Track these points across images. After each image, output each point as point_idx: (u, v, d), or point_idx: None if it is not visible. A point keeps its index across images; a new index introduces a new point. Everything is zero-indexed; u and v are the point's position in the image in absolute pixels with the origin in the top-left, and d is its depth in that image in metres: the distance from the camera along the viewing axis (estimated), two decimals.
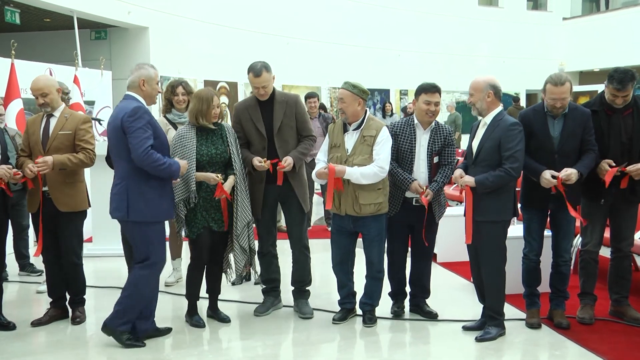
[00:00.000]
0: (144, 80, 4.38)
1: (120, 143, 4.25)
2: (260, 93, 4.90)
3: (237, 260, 4.86)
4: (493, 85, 4.45)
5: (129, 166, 4.27)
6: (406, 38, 19.59)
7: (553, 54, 21.43)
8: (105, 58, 10.09)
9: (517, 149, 4.33)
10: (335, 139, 4.78)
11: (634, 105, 4.68)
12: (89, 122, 4.92)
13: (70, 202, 4.82)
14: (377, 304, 4.96)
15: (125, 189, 4.28)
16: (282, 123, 4.92)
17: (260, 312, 5.16)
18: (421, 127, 4.90)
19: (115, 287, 5.95)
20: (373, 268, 4.84)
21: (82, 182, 4.95)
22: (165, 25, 14.04)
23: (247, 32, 15.73)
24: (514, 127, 4.37)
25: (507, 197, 4.44)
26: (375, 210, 4.69)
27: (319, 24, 17.64)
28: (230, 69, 15.14)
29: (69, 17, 11.76)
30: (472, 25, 20.68)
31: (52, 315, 5.02)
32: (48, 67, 8.62)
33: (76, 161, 4.73)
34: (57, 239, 4.90)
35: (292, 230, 5.12)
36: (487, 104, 4.45)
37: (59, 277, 5.02)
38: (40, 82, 4.82)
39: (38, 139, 4.77)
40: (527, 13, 22.29)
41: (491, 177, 4.34)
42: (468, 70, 19.44)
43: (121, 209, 4.31)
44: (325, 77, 17.71)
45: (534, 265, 4.79)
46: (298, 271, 5.18)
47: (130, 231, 4.41)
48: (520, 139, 4.36)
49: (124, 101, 4.36)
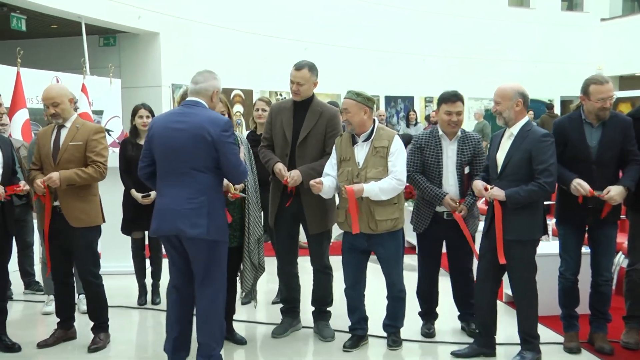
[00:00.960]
0: (217, 91, 4.30)
1: (201, 153, 4.08)
2: (293, 89, 4.91)
3: (246, 278, 4.85)
4: (522, 93, 4.40)
5: (209, 180, 4.13)
6: (431, 42, 19.58)
7: (590, 58, 21.27)
8: (114, 65, 10.21)
9: (550, 162, 4.26)
10: (343, 153, 4.72)
11: None
12: (101, 133, 4.90)
13: (83, 218, 4.79)
14: (401, 325, 4.93)
15: (205, 204, 4.10)
16: (309, 133, 4.90)
17: (278, 334, 5.15)
18: (447, 138, 4.90)
19: (125, 306, 5.99)
20: (394, 288, 4.81)
21: (95, 196, 4.92)
22: (177, 30, 14.17)
23: (263, 37, 15.82)
24: (546, 139, 4.31)
25: (539, 213, 4.39)
26: (391, 227, 4.66)
27: (339, 28, 17.68)
28: (245, 76, 15.23)
29: (76, 23, 11.92)
30: (502, 27, 20.62)
31: (58, 337, 5.03)
32: (55, 75, 8.74)
33: (85, 176, 4.71)
34: (67, 257, 4.91)
35: (311, 248, 5.12)
36: (514, 114, 4.40)
37: (67, 297, 5.04)
38: (52, 91, 4.83)
39: (49, 151, 4.78)
40: (562, 14, 22.20)
41: (523, 192, 4.26)
42: (497, 76, 19.34)
43: (200, 225, 4.08)
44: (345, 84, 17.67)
45: (571, 284, 4.73)
46: (318, 291, 5.16)
47: (202, 251, 4.16)
48: (553, 151, 4.30)
49: (197, 108, 4.18)
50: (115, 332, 5.11)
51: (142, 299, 6.13)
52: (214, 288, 4.23)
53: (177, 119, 4.18)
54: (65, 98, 4.80)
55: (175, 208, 4.10)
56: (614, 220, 4.62)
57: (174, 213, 4.10)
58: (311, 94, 4.98)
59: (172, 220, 4.11)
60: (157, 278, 6.19)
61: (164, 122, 4.22)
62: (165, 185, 4.17)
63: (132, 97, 9.82)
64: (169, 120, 4.21)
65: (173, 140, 4.11)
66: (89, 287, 4.92)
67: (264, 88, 16.24)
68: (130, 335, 5.43)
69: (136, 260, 6.18)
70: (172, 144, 4.11)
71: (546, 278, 5.29)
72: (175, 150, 4.10)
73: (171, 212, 4.11)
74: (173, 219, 4.10)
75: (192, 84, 4.27)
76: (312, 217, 4.94)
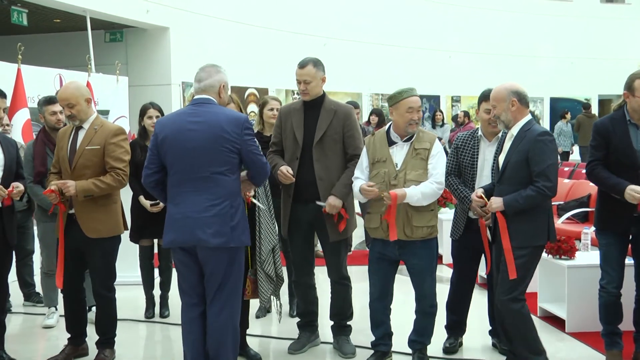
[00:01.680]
0: (224, 85, 4.23)
1: (222, 155, 4.01)
2: (301, 89, 4.89)
3: (262, 291, 4.82)
4: (516, 92, 4.32)
5: (231, 183, 4.07)
6: (458, 37, 19.50)
7: (630, 53, 21.03)
8: (121, 62, 10.22)
9: (548, 162, 4.18)
10: (377, 154, 4.71)
11: None
12: (121, 135, 4.81)
13: (100, 228, 4.72)
14: (429, 342, 4.87)
15: (228, 210, 4.02)
16: (325, 134, 4.88)
17: (295, 350, 5.12)
18: (486, 139, 4.88)
19: (131, 319, 5.97)
20: (425, 302, 4.76)
21: (116, 204, 4.85)
22: (187, 25, 14.20)
23: (279, 32, 15.82)
24: (543, 138, 4.22)
25: (543, 218, 4.28)
26: (427, 234, 4.65)
27: (360, 23, 17.65)
28: (259, 73, 15.23)
29: (81, 18, 11.98)
30: (535, 21, 20.49)
31: (69, 354, 4.98)
32: (58, 72, 8.76)
33: (104, 186, 4.63)
34: (81, 269, 4.87)
35: (329, 258, 5.08)
36: (512, 114, 4.32)
37: (78, 312, 5.00)
38: (67, 91, 4.78)
39: (65, 155, 4.74)
40: (600, 6, 22.04)
41: (521, 199, 4.18)
42: (529, 74, 19.26)
43: (223, 233, 3.99)
44: (366, 82, 17.71)
45: (614, 299, 4.65)
46: (337, 304, 5.13)
47: (222, 260, 4.07)
48: (552, 150, 4.24)
49: (209, 106, 4.12)
50: (121, 348, 5.09)
51: (149, 311, 6.11)
52: (232, 298, 4.16)
53: (190, 119, 4.08)
54: (81, 99, 4.73)
55: (193, 216, 4.01)
56: None
57: (192, 222, 4.01)
58: (321, 92, 4.97)
59: (190, 230, 4.01)
60: (166, 289, 6.18)
61: (176, 124, 4.12)
62: (180, 193, 4.08)
63: (140, 96, 9.83)
64: (182, 121, 4.11)
65: (189, 142, 4.02)
66: (100, 300, 4.90)
67: (280, 87, 16.24)
68: (137, 350, 5.42)
69: (144, 271, 6.16)
70: (189, 146, 4.02)
71: (585, 291, 5.24)
72: (193, 153, 4.01)
73: (189, 221, 4.02)
74: (192, 228, 4.00)
75: (196, 82, 4.22)
76: (332, 223, 4.91)
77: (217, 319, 4.12)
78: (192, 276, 4.17)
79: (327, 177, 4.88)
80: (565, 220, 7.61)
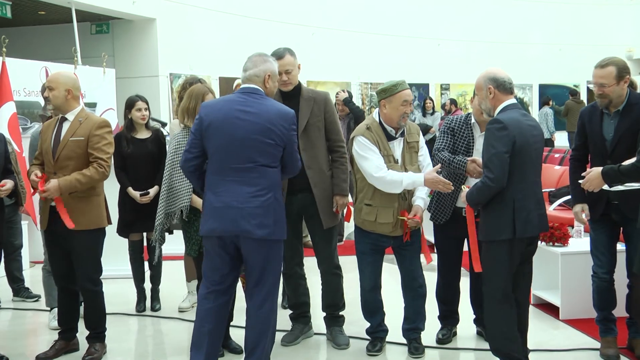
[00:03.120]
0: (270, 75, 4.15)
1: (271, 148, 3.99)
2: (283, 79, 4.80)
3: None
4: (492, 78, 4.17)
5: (275, 175, 4.06)
6: (446, 25, 19.45)
7: (619, 40, 21.06)
8: (107, 54, 10.14)
9: (492, 152, 3.99)
10: (382, 148, 4.67)
11: None
12: (106, 127, 4.78)
13: (82, 220, 4.68)
14: (423, 327, 4.89)
15: (272, 201, 4.00)
16: (308, 122, 4.87)
17: (288, 342, 5.11)
18: (478, 128, 4.84)
19: (122, 313, 5.94)
20: (414, 284, 4.77)
21: (98, 196, 4.81)
22: (175, 16, 14.11)
23: (267, 22, 15.75)
24: (491, 126, 4.06)
25: (507, 212, 4.02)
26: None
27: (348, 12, 17.59)
28: None
29: (66, 9, 11.87)
30: (523, 8, 20.44)
31: (59, 348, 4.94)
32: (44, 65, 8.68)
33: (86, 180, 4.60)
34: (69, 261, 4.82)
35: (320, 248, 5.07)
36: (491, 102, 4.19)
37: (70, 305, 4.97)
38: (53, 74, 4.88)
39: (49, 146, 4.71)
40: None
41: (475, 191, 4.11)
42: (518, 61, 19.25)
43: (267, 225, 3.97)
44: (355, 71, 17.65)
45: (606, 284, 4.64)
46: (329, 295, 5.12)
47: (264, 252, 4.03)
48: (497, 138, 3.98)
49: (258, 97, 4.07)
50: (112, 342, 5.06)
51: (140, 305, 6.08)
52: (273, 291, 4.13)
53: (240, 107, 4.01)
54: (61, 86, 4.71)
55: (237, 206, 3.95)
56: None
57: (236, 212, 3.95)
58: (297, 80, 4.94)
59: (234, 220, 3.95)
60: (156, 283, 6.15)
61: (222, 111, 4.04)
62: (222, 181, 4.01)
63: (127, 88, 9.78)
64: (230, 109, 4.03)
65: (239, 130, 3.96)
66: (86, 294, 4.86)
67: None
68: (128, 344, 5.39)
69: (134, 264, 6.12)
70: (237, 135, 3.96)
71: (579, 278, 5.24)
72: (240, 142, 3.96)
73: (233, 211, 3.95)
74: (235, 218, 3.94)
75: (243, 71, 4.18)
76: (326, 210, 4.91)
77: (258, 312, 4.07)
78: (224, 266, 4.10)
79: (316, 165, 4.87)
80: (557, 207, 7.61)
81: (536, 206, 4.14)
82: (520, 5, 20.41)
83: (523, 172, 4.03)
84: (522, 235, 4.04)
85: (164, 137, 6.14)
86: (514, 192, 4.01)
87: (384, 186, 4.57)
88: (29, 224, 7.42)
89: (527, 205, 4.06)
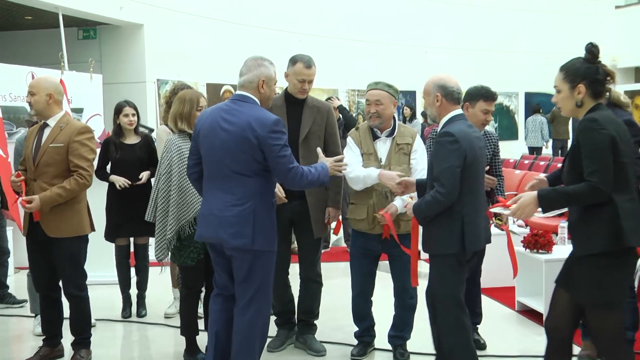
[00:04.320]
0: (264, 80, 4.08)
1: (246, 156, 3.91)
2: (304, 88, 4.86)
3: None
4: (441, 86, 4.02)
5: (256, 185, 3.96)
6: (434, 33, 19.55)
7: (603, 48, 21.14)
8: (94, 60, 10.12)
9: (443, 167, 3.82)
10: (364, 147, 4.74)
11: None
12: (87, 133, 4.73)
13: (62, 227, 4.65)
14: (409, 337, 4.90)
15: (251, 211, 3.93)
16: (310, 130, 4.91)
17: (274, 348, 5.11)
18: None
19: (108, 319, 5.93)
20: (405, 295, 4.78)
21: (80, 203, 4.76)
22: (162, 22, 14.10)
23: (255, 29, 15.76)
24: (441, 139, 3.90)
25: (456, 226, 3.87)
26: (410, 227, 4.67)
27: (336, 19, 17.65)
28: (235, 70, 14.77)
29: (53, 14, 11.84)
30: (510, 16, 20.60)
31: (43, 355, 4.92)
32: (30, 70, 8.65)
33: (67, 194, 4.55)
34: (50, 269, 4.79)
35: (305, 255, 5.09)
36: (437, 110, 4.04)
37: (53, 312, 4.94)
38: (35, 80, 4.84)
39: (30, 152, 4.68)
40: (573, 1, 22.17)
41: (423, 204, 3.92)
42: (504, 69, 19.39)
43: (245, 235, 3.91)
44: (343, 78, 17.70)
45: None
46: (308, 301, 5.15)
47: (246, 261, 3.97)
48: (450, 152, 3.82)
49: (245, 105, 4.02)
50: (98, 348, 5.05)
51: (126, 311, 6.07)
52: (259, 299, 4.03)
53: (224, 116, 3.99)
54: (42, 91, 4.68)
55: (217, 214, 3.97)
56: None
57: (216, 219, 3.97)
58: None
59: (214, 227, 3.98)
60: (143, 288, 6.14)
61: (211, 119, 4.04)
62: (210, 188, 4.05)
63: (115, 94, 9.76)
64: (217, 117, 4.02)
65: (219, 140, 3.96)
66: (72, 300, 4.83)
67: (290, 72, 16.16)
68: (114, 350, 5.38)
69: (120, 270, 6.11)
70: (218, 144, 3.96)
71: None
72: (220, 151, 3.96)
73: (213, 218, 3.98)
74: (215, 226, 3.97)
75: (238, 76, 4.15)
76: (318, 219, 4.95)
77: (241, 318, 4.05)
78: (221, 272, 4.14)
79: None
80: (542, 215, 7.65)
81: (484, 220, 4.09)
82: (507, 14, 20.57)
83: (473, 186, 3.91)
84: (471, 249, 3.95)
85: (153, 142, 6.15)
86: (463, 206, 3.86)
87: (350, 183, 4.70)
88: (14, 230, 7.39)
89: (476, 220, 3.94)
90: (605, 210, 3.33)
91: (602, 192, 3.28)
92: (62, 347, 5.03)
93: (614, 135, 3.33)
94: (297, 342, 5.19)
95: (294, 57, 4.94)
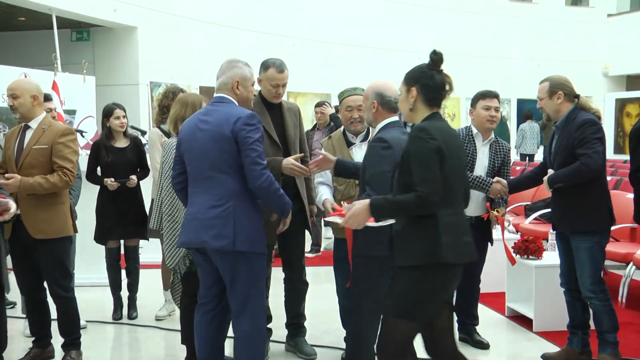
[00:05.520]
0: (238, 81, 4.06)
1: (225, 154, 3.88)
2: (278, 92, 4.86)
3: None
4: (379, 94, 4.05)
5: (235, 184, 3.89)
6: (427, 38, 19.58)
7: (595, 56, 21.38)
8: (88, 62, 10.14)
9: (372, 171, 3.87)
10: (340, 155, 4.63)
11: None
12: (70, 135, 4.74)
13: (46, 228, 4.64)
14: None
15: (231, 211, 3.86)
16: (294, 132, 4.97)
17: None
18: (480, 138, 4.96)
19: (99, 321, 5.92)
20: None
21: (63, 204, 4.76)
22: (156, 24, 14.12)
23: (248, 32, 15.79)
24: (374, 144, 3.95)
25: (381, 229, 3.73)
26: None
27: (329, 23, 17.68)
28: None
29: (47, 16, 11.85)
30: (502, 23, 20.69)
31: (34, 356, 4.90)
32: (23, 71, 8.66)
33: (48, 186, 4.54)
34: (35, 271, 4.78)
35: (294, 258, 5.09)
36: (373, 115, 4.08)
37: (40, 313, 4.92)
38: (15, 82, 4.78)
39: (12, 154, 4.67)
40: (566, 9, 22.30)
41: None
42: (497, 75, 19.44)
43: (225, 236, 3.83)
44: (335, 82, 17.71)
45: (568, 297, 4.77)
46: (297, 304, 5.13)
47: (229, 264, 3.91)
48: (382, 157, 3.85)
49: (221, 105, 4.01)
50: (88, 350, 5.04)
51: (117, 313, 6.05)
52: (251, 302, 3.96)
53: (202, 118, 4.00)
54: (26, 93, 4.66)
55: (199, 217, 3.93)
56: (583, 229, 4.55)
57: (197, 223, 3.92)
58: None
59: (196, 231, 3.92)
60: (133, 291, 6.13)
61: (190, 124, 4.05)
62: (193, 193, 4.02)
63: (108, 96, 9.76)
64: (196, 120, 4.03)
65: (197, 142, 3.94)
66: (58, 301, 4.82)
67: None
68: (105, 352, 5.37)
69: (111, 272, 6.10)
70: (197, 146, 3.95)
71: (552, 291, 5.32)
72: (200, 152, 3.94)
73: (195, 222, 3.94)
74: (197, 229, 3.92)
75: (216, 79, 4.14)
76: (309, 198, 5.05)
77: (237, 327, 4.01)
78: (207, 278, 4.08)
79: None
80: (533, 221, 7.70)
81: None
82: (500, 21, 20.66)
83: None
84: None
85: (143, 145, 6.15)
86: None
87: None
88: None
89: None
90: (428, 223, 3.28)
91: (430, 202, 3.21)
92: (52, 348, 5.02)
93: (442, 146, 3.28)
94: (287, 345, 5.18)
95: (266, 62, 4.89)
